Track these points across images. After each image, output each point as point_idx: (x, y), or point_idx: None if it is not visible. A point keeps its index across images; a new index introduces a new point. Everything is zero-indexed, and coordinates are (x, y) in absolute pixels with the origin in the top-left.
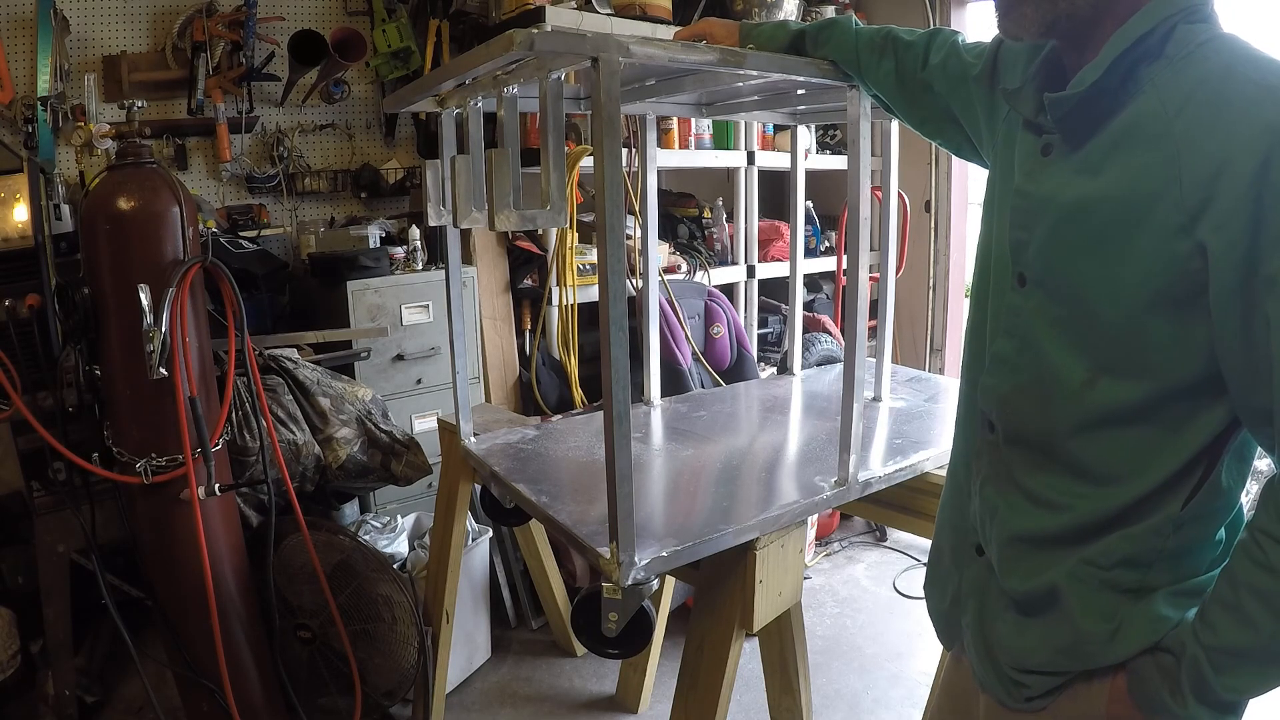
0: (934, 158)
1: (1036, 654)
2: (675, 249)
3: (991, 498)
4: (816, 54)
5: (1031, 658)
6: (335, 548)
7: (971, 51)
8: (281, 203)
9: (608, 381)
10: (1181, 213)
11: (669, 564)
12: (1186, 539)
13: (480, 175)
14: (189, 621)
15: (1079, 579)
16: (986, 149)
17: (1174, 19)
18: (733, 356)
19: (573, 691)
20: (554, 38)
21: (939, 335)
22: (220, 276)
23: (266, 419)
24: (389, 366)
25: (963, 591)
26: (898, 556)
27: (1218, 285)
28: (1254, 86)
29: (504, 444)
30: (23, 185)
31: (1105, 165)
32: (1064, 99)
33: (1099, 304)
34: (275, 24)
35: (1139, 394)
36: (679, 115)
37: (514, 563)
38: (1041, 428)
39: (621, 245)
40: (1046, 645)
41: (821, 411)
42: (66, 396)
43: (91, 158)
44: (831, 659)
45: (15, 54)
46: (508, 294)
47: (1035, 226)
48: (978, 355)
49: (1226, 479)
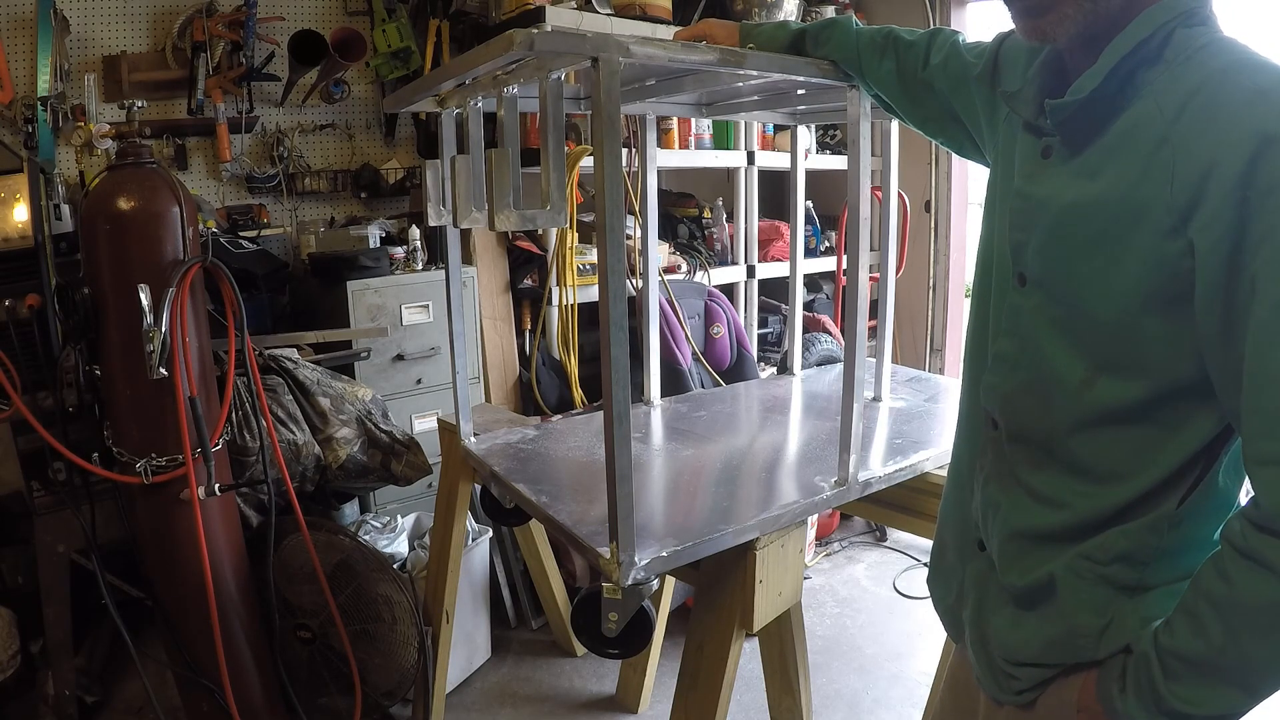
0: (934, 158)
1: (1029, 646)
2: (675, 249)
3: (994, 494)
4: (817, 54)
5: (1024, 650)
6: (335, 548)
7: (972, 51)
8: (281, 203)
9: (608, 381)
10: (1172, 214)
11: (669, 564)
12: (1183, 537)
13: (480, 175)
14: (189, 621)
15: (1076, 573)
16: (988, 148)
17: (1173, 24)
18: (733, 356)
19: (573, 691)
20: (554, 38)
21: (939, 335)
22: (220, 276)
23: (266, 419)
24: (389, 366)
25: (965, 586)
26: (898, 556)
27: (1202, 285)
28: (1247, 91)
29: (504, 444)
30: (23, 185)
31: (1103, 169)
32: (1064, 105)
33: (1096, 304)
34: (275, 24)
35: (1136, 393)
36: (679, 115)
37: (514, 563)
38: (1042, 426)
39: (621, 245)
40: (1039, 637)
41: (821, 411)
42: (66, 396)
43: (91, 158)
44: (831, 659)
45: (15, 54)
46: (508, 294)
47: (1034, 228)
48: (979, 353)
49: (1224, 478)
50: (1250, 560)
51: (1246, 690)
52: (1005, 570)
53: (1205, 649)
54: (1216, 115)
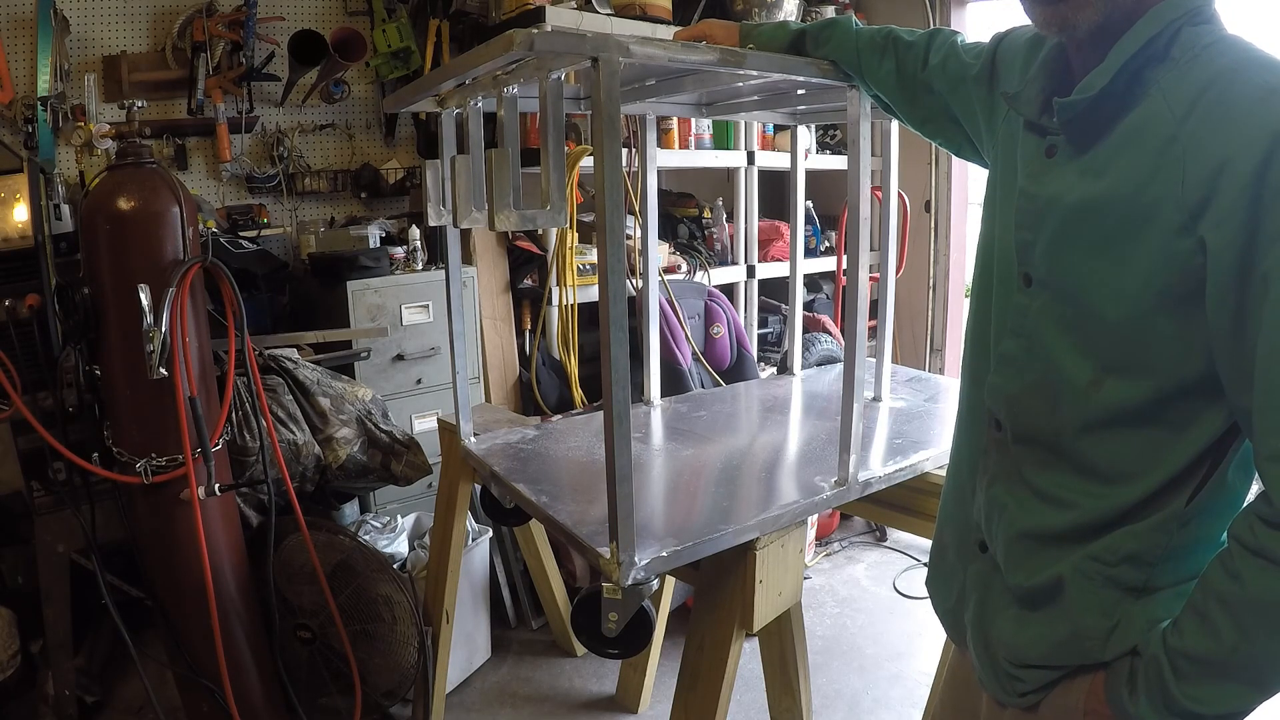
0: (934, 158)
1: (1035, 648)
2: (675, 249)
3: (999, 495)
4: (817, 54)
5: (1030, 652)
6: (335, 548)
7: (970, 52)
8: (281, 203)
9: (608, 381)
10: (1183, 211)
11: (669, 564)
12: (1192, 535)
13: (480, 175)
14: (189, 621)
15: (1084, 574)
16: (986, 148)
17: (1179, 22)
18: (733, 356)
19: (573, 691)
20: (554, 38)
21: (939, 335)
22: (220, 276)
23: (266, 419)
24: (389, 366)
25: (966, 587)
26: (898, 556)
27: (1213, 282)
28: (1258, 88)
29: (504, 444)
30: (23, 185)
31: (1110, 167)
32: (1073, 103)
33: (1104, 305)
34: (275, 24)
35: (1143, 393)
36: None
37: (514, 563)
38: (1049, 427)
39: (621, 245)
40: (1045, 639)
41: (821, 411)
42: (66, 396)
43: (91, 158)
44: (831, 659)
45: (15, 54)
46: (508, 294)
47: (1040, 228)
48: (981, 353)
49: (1233, 476)
50: (1261, 558)
51: (1257, 687)
52: (1011, 571)
53: (1216, 648)
54: (1228, 113)
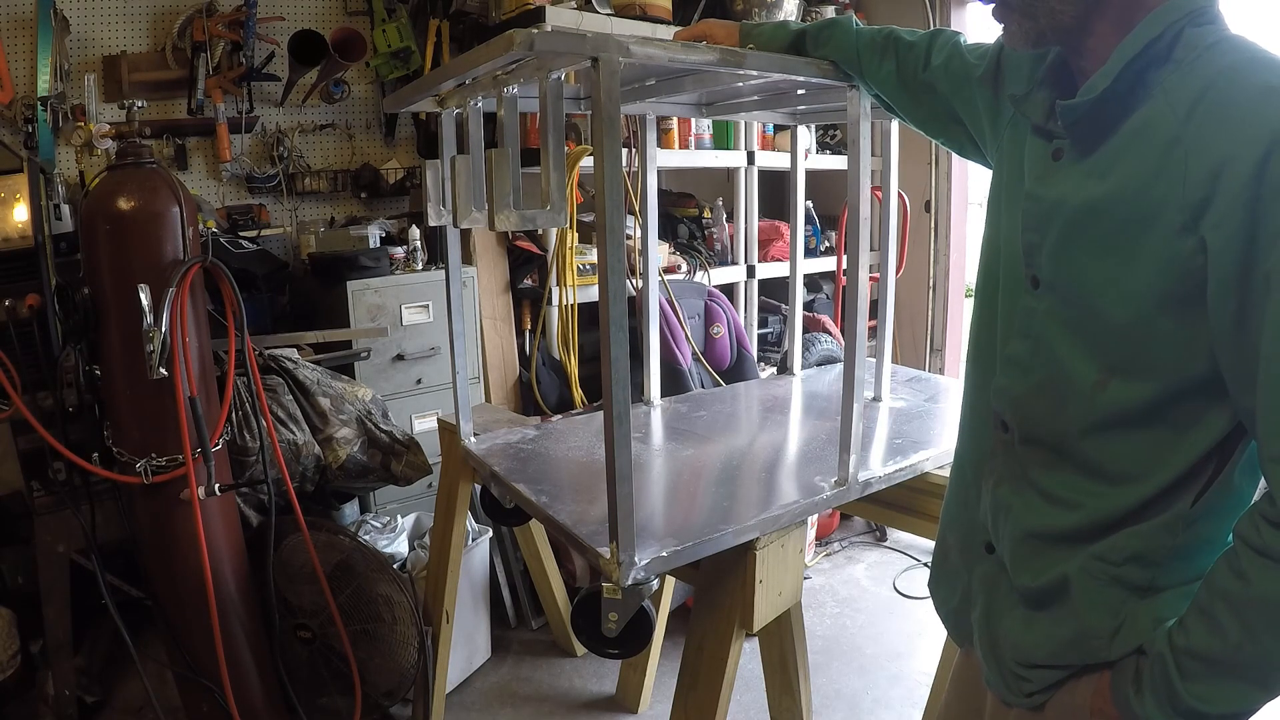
0: (934, 158)
1: (1041, 648)
2: (675, 249)
3: (1006, 496)
4: (817, 54)
5: (1036, 652)
6: (335, 548)
7: (974, 53)
8: (281, 203)
9: (608, 381)
10: (1185, 211)
11: (669, 564)
12: (1197, 535)
13: (480, 175)
14: (189, 621)
15: (1089, 574)
16: (990, 149)
17: (1181, 23)
18: (733, 356)
19: (573, 691)
20: (554, 38)
21: (939, 335)
22: (220, 276)
23: (266, 419)
24: (389, 366)
25: (972, 589)
26: (898, 556)
27: (1215, 282)
28: (1258, 88)
29: (504, 444)
30: (23, 185)
31: (1115, 169)
32: (1074, 106)
33: (1109, 306)
34: (275, 24)
35: (1148, 394)
36: (679, 115)
37: (514, 563)
38: (1055, 428)
39: (621, 245)
40: (1051, 639)
41: (821, 411)
42: (66, 396)
43: (91, 158)
44: (831, 659)
45: (15, 54)
46: (508, 294)
47: (1047, 230)
48: (985, 355)
49: (1239, 477)
50: (1266, 558)
51: (1262, 686)
52: (1017, 572)
53: (1222, 647)
54: (1228, 113)
